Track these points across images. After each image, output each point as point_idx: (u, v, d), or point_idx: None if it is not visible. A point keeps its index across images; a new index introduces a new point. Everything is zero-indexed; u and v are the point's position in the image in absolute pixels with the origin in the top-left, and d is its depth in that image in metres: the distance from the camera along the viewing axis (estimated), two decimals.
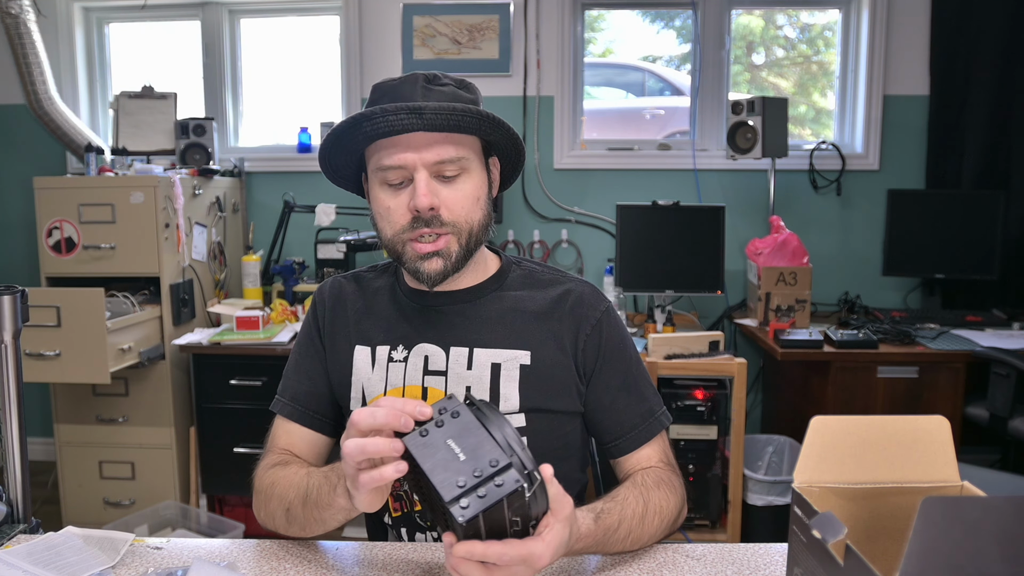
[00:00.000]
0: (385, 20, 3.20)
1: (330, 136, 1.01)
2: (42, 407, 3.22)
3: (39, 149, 3.34)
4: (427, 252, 1.01)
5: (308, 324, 1.18)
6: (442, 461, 0.73)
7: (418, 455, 0.74)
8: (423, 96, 0.99)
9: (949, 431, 0.73)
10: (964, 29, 3.00)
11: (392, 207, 1.01)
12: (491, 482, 0.72)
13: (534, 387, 1.06)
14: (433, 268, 1.01)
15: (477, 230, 1.03)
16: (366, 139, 1.00)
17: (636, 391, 1.11)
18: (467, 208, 1.02)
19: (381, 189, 1.02)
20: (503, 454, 0.74)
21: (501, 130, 1.02)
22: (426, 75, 1.02)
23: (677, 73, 3.42)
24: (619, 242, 2.86)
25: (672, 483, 1.05)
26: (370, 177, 1.05)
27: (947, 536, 0.54)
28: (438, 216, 1.00)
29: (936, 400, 2.46)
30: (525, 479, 0.73)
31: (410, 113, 0.95)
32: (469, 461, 0.73)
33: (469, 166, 1.02)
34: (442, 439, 0.75)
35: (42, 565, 0.91)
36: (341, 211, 3.00)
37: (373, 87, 1.05)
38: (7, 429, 1.06)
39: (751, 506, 2.48)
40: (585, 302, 1.10)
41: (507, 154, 1.09)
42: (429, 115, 0.95)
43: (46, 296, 2.31)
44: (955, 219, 2.88)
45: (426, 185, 0.98)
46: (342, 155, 1.05)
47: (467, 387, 1.05)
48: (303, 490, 0.95)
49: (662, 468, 1.08)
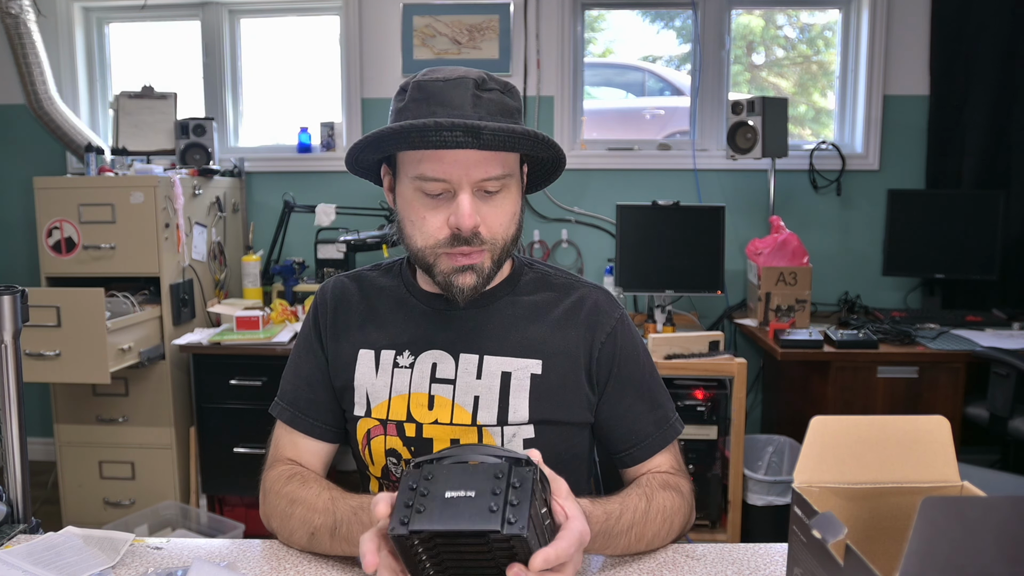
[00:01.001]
0: (385, 20, 3.20)
1: (370, 137, 0.94)
2: (42, 407, 3.22)
3: (39, 149, 3.34)
4: (462, 265, 0.98)
5: (308, 327, 1.14)
6: (462, 511, 0.70)
7: (440, 525, 0.69)
8: (473, 105, 0.95)
9: (949, 431, 0.73)
10: (964, 29, 3.00)
11: (428, 219, 0.97)
12: (510, 489, 0.70)
13: (544, 398, 1.04)
14: (466, 283, 0.98)
15: (510, 244, 1.01)
16: (410, 148, 0.95)
17: (651, 399, 1.09)
18: (505, 225, 0.99)
19: (416, 197, 0.97)
20: (499, 462, 0.73)
21: (552, 150, 0.99)
22: (476, 79, 0.96)
23: (677, 73, 3.42)
24: (619, 242, 2.86)
25: (680, 487, 1.03)
26: (403, 179, 0.99)
27: (947, 536, 0.54)
28: (478, 234, 0.97)
29: (936, 400, 2.46)
30: (530, 467, 0.73)
31: (466, 132, 0.89)
32: (480, 491, 0.71)
33: (511, 181, 0.99)
34: (440, 497, 0.71)
35: (42, 565, 0.91)
36: (341, 211, 3.00)
37: (417, 84, 0.97)
38: (7, 429, 1.06)
39: (751, 506, 2.49)
40: (600, 310, 1.08)
41: (544, 163, 1.07)
42: (487, 136, 0.90)
43: (46, 296, 2.31)
44: (955, 219, 2.88)
45: (471, 205, 0.94)
46: (375, 153, 1.00)
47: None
48: (331, 521, 0.93)
49: (672, 474, 1.06)
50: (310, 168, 3.28)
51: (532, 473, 0.72)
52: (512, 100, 1.01)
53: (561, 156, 1.03)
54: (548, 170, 1.09)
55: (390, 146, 0.97)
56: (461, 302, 1.01)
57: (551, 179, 1.12)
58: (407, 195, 0.99)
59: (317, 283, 3.00)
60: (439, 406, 1.04)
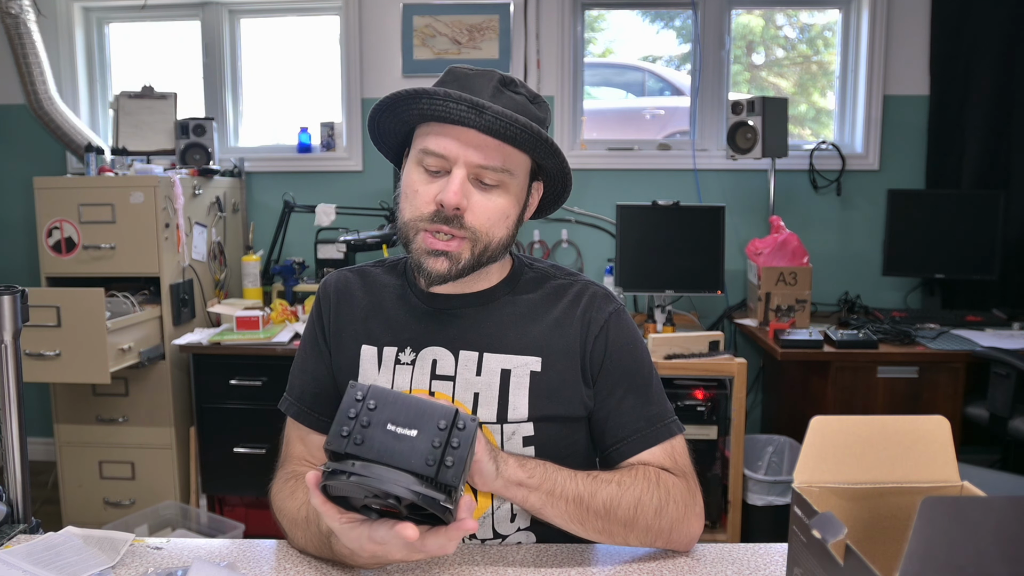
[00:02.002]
0: (385, 20, 3.20)
1: (387, 99, 0.98)
2: (42, 407, 3.22)
3: (39, 149, 3.34)
4: (436, 249, 0.98)
5: (312, 322, 1.15)
6: (398, 450, 0.73)
7: (369, 455, 0.73)
8: (492, 96, 0.97)
9: (949, 431, 0.73)
10: (964, 29, 3.00)
11: (420, 191, 0.98)
12: (448, 447, 0.74)
13: (544, 395, 1.03)
14: (437, 267, 0.98)
15: (495, 246, 1.00)
16: (420, 116, 0.98)
17: (644, 395, 1.06)
18: (492, 221, 0.99)
19: (416, 170, 1.00)
20: (447, 407, 0.76)
21: (555, 158, 0.99)
22: (504, 77, 0.99)
23: (677, 73, 3.42)
24: (619, 242, 2.86)
25: (665, 483, 0.98)
26: (411, 155, 1.02)
27: (947, 536, 0.54)
28: (460, 217, 0.97)
29: (936, 400, 2.46)
30: (474, 422, 0.76)
31: (470, 108, 0.92)
32: (422, 434, 0.74)
33: (510, 182, 0.99)
34: (381, 430, 0.74)
35: (42, 565, 0.91)
36: (341, 211, 3.00)
37: (450, 69, 1.02)
38: (7, 429, 1.06)
39: (751, 506, 2.48)
40: (595, 304, 1.08)
41: (554, 182, 1.07)
42: (489, 117, 0.92)
43: (46, 296, 2.31)
44: (955, 219, 2.88)
45: (460, 184, 0.95)
46: (393, 122, 1.03)
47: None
48: (316, 535, 0.95)
49: (663, 469, 1.03)
50: (310, 168, 3.28)
51: (475, 423, 0.75)
52: (538, 110, 1.02)
53: (566, 171, 1.03)
54: (557, 191, 1.10)
55: (403, 110, 0.99)
56: (427, 286, 1.03)
57: (559, 202, 1.12)
58: (409, 168, 1.02)
59: (317, 283, 3.00)
60: None
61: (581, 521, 0.94)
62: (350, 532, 0.80)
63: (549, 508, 0.93)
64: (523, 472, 0.91)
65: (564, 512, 0.94)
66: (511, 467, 0.91)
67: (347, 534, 0.80)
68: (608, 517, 0.95)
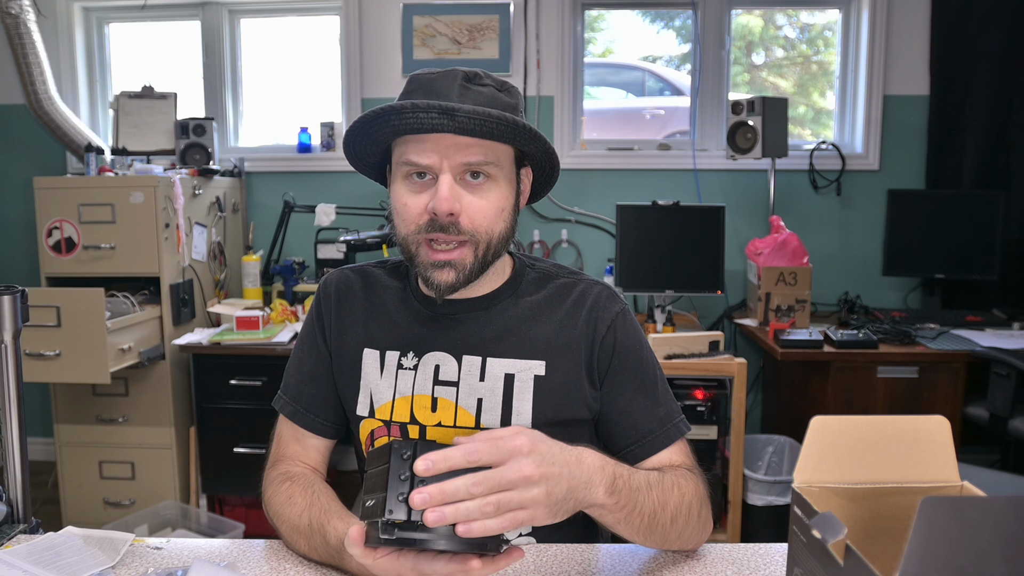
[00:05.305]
0: (385, 20, 3.20)
1: (356, 124, 0.97)
2: (42, 407, 3.22)
3: (39, 149, 3.34)
4: (440, 261, 0.97)
5: (311, 321, 1.13)
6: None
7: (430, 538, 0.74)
8: (460, 95, 0.95)
9: (949, 431, 0.73)
10: (964, 29, 3.00)
11: (410, 204, 0.97)
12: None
13: (548, 399, 1.03)
14: (444, 279, 0.97)
15: (496, 242, 0.99)
16: (394, 132, 0.97)
17: (652, 395, 1.06)
18: (489, 218, 0.97)
19: (402, 184, 0.98)
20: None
21: (536, 142, 0.98)
22: (467, 73, 0.98)
23: (677, 73, 3.42)
24: (619, 242, 2.86)
25: (689, 478, 0.99)
26: (394, 170, 1.00)
27: (947, 536, 0.54)
28: (456, 223, 0.95)
29: (936, 400, 2.46)
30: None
31: (441, 114, 0.91)
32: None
33: (497, 173, 0.97)
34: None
35: (42, 565, 0.91)
36: (341, 211, 3.00)
37: (410, 77, 1.00)
38: (7, 429, 1.06)
39: (751, 506, 2.48)
40: (600, 304, 1.07)
41: (541, 165, 1.06)
42: (461, 118, 0.91)
43: (46, 296, 2.31)
44: (955, 219, 2.88)
45: (449, 189, 0.94)
46: (368, 144, 1.01)
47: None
48: (316, 546, 0.93)
49: (688, 471, 1.02)
50: (310, 168, 3.28)
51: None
52: (508, 97, 1.00)
53: (551, 152, 1.02)
54: (546, 173, 1.08)
55: (375, 131, 0.97)
56: (438, 298, 1.01)
57: (550, 183, 1.10)
58: (396, 185, 1.00)
59: (317, 283, 3.00)
60: (442, 408, 1.03)
61: (645, 534, 0.90)
62: (388, 566, 0.76)
63: (623, 525, 0.88)
64: (611, 500, 0.84)
65: (637, 527, 0.89)
66: (599, 495, 0.83)
67: (386, 568, 0.77)
68: (672, 524, 0.92)
